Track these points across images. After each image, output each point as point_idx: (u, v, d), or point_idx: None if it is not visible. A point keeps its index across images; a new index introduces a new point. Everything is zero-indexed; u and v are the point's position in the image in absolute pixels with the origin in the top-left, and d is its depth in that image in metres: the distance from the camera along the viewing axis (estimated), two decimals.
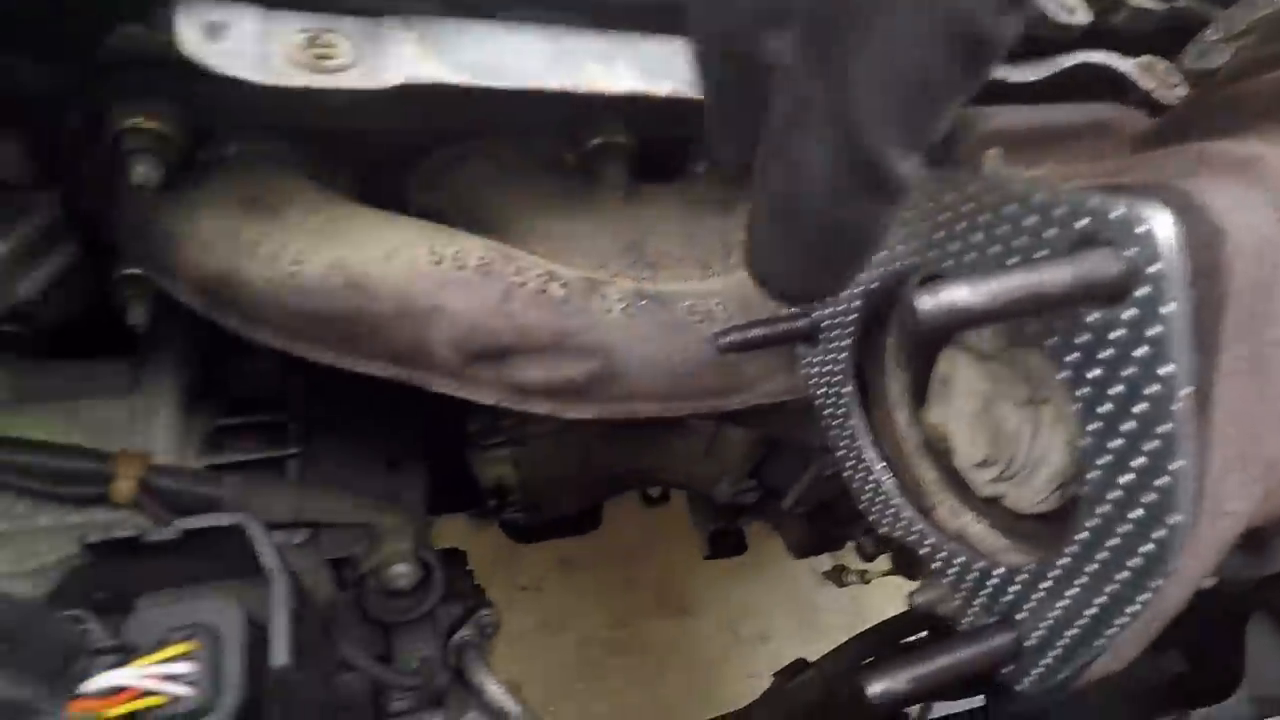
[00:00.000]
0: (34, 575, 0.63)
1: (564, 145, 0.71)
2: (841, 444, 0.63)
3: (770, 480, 1.32)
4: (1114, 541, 0.39)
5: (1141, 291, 0.34)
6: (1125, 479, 0.37)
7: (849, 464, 0.63)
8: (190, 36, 0.46)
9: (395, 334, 0.57)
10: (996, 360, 0.55)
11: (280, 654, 0.45)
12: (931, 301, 0.33)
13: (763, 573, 2.48)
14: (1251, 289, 0.34)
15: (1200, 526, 0.36)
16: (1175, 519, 0.35)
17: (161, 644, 0.45)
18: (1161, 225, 0.34)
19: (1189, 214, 0.36)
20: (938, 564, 0.56)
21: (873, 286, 0.55)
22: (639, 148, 0.70)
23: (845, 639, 1.39)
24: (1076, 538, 0.41)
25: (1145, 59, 0.70)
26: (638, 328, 0.64)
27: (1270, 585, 0.78)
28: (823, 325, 0.60)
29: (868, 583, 1.76)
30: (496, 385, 0.61)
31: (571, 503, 1.38)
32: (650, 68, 0.56)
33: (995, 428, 0.55)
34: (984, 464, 0.56)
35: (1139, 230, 0.33)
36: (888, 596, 2.40)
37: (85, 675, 0.42)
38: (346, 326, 0.57)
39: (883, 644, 1.45)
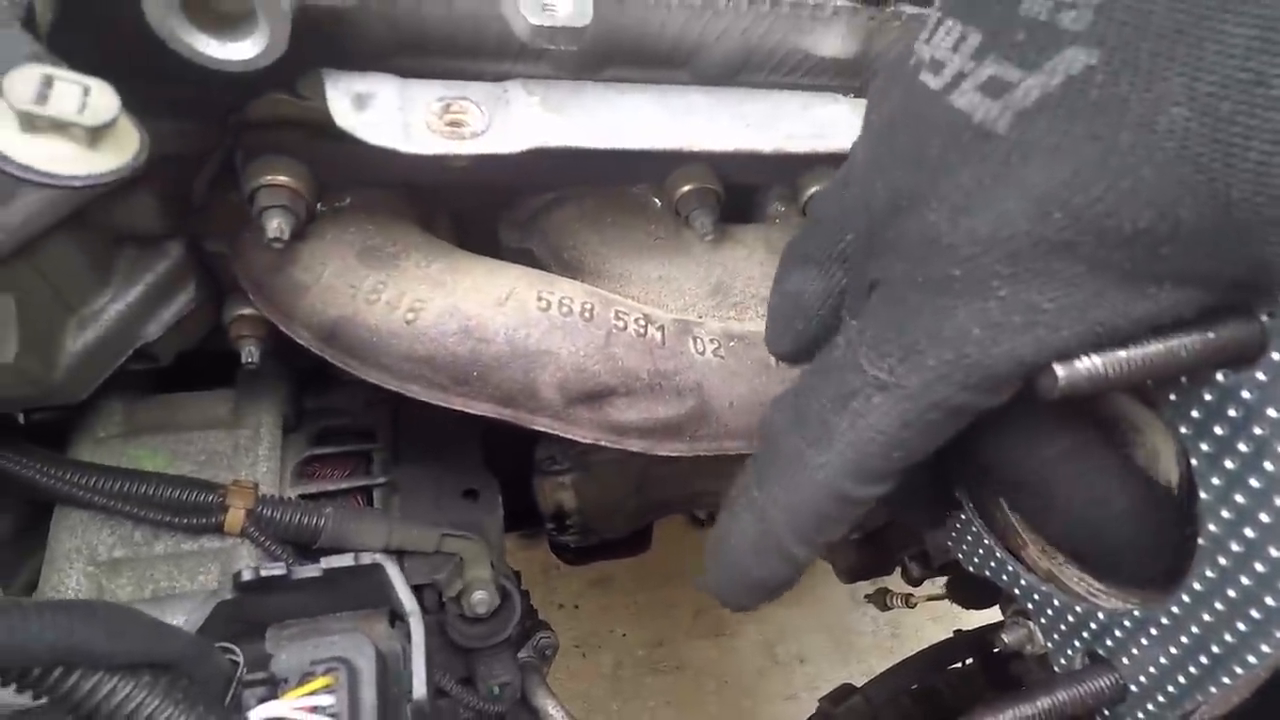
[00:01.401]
0: (154, 602, 0.67)
1: (652, 190, 0.74)
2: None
3: None
4: (1233, 594, 0.40)
5: (1276, 355, 0.35)
6: (1250, 533, 0.39)
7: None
8: (341, 108, 0.49)
9: (505, 376, 0.60)
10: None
11: (419, 688, 0.47)
12: (1069, 370, 0.35)
13: (799, 594, 2.47)
14: None
15: None
16: None
17: (306, 677, 0.48)
18: None
19: None
20: (1031, 605, 0.57)
21: None
22: (724, 192, 0.73)
23: (881, 661, 1.39)
24: (1193, 586, 0.42)
25: None
26: (729, 368, 0.66)
27: None
28: None
29: (913, 607, 1.76)
30: (595, 425, 0.64)
31: (625, 525, 1.40)
32: (752, 123, 0.59)
33: None
34: None
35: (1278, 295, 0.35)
36: (924, 619, 2.39)
37: (239, 706, 0.45)
38: (459, 370, 0.60)
39: (928, 670, 1.45)
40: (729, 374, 0.66)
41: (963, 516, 0.63)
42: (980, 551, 0.62)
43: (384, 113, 0.50)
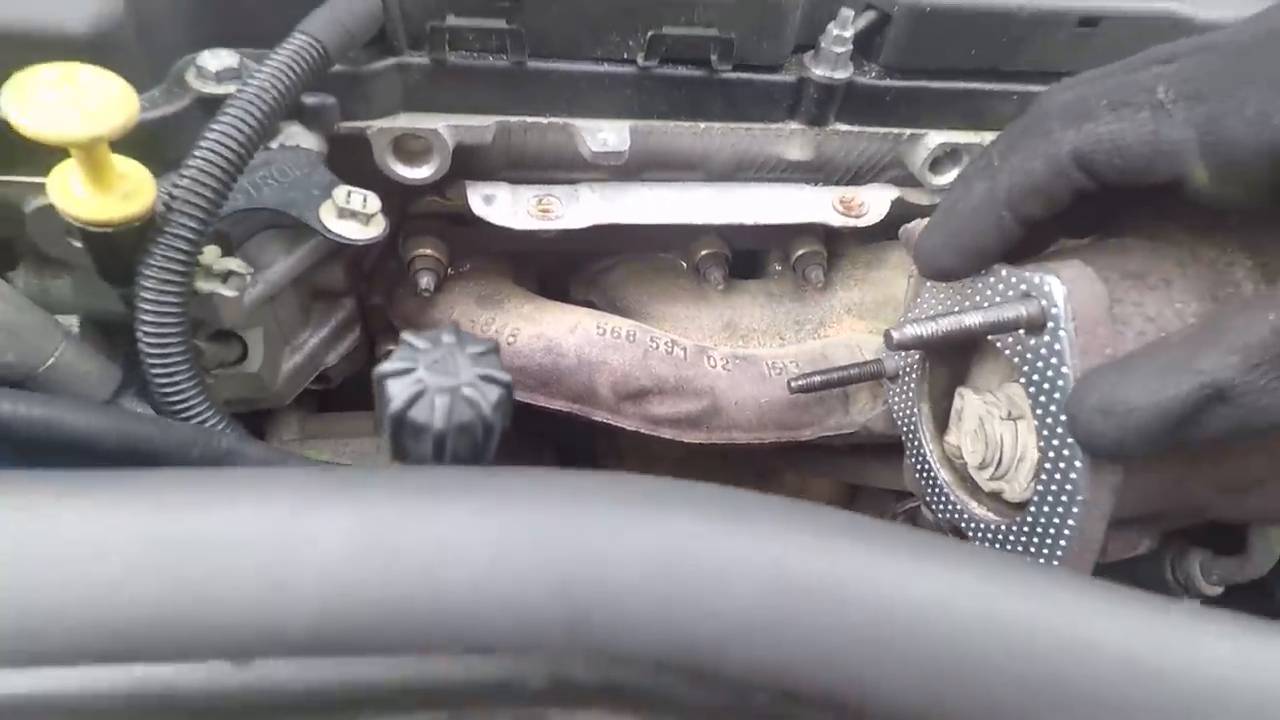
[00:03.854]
0: None
1: (680, 255, 1.02)
2: (911, 452, 0.85)
3: None
4: (1055, 485, 0.61)
5: (1051, 324, 0.58)
6: (1056, 443, 0.60)
7: (917, 466, 0.85)
8: (477, 204, 0.79)
9: (575, 381, 0.87)
10: (991, 393, 0.79)
11: None
12: (899, 334, 0.60)
13: None
14: (1092, 322, 0.59)
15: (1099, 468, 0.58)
16: (1078, 462, 0.58)
17: None
18: (1054, 284, 0.59)
19: (1078, 281, 0.61)
20: (973, 530, 0.77)
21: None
22: (733, 256, 1.00)
23: None
24: (1038, 488, 0.63)
25: None
26: (734, 378, 0.91)
27: None
28: (900, 371, 0.84)
29: None
30: (638, 417, 0.89)
31: None
32: (747, 205, 0.87)
33: (988, 439, 0.78)
34: (982, 466, 0.78)
35: (1046, 288, 0.58)
36: None
37: None
38: (544, 376, 0.87)
39: None
40: (734, 382, 0.91)
41: (933, 474, 0.83)
42: (943, 497, 0.81)
43: (502, 206, 0.80)
